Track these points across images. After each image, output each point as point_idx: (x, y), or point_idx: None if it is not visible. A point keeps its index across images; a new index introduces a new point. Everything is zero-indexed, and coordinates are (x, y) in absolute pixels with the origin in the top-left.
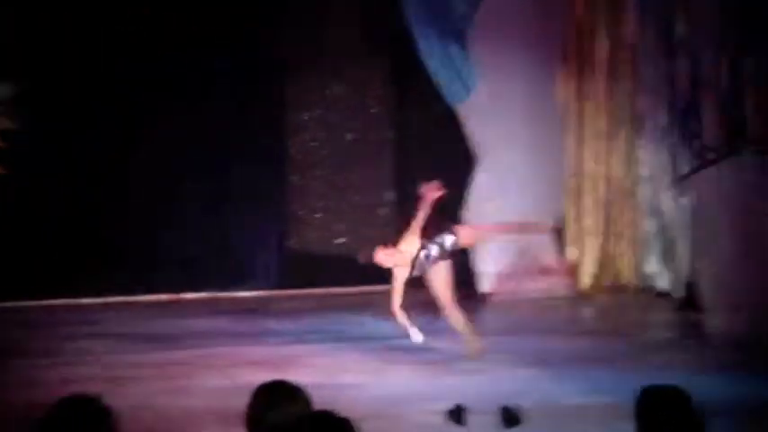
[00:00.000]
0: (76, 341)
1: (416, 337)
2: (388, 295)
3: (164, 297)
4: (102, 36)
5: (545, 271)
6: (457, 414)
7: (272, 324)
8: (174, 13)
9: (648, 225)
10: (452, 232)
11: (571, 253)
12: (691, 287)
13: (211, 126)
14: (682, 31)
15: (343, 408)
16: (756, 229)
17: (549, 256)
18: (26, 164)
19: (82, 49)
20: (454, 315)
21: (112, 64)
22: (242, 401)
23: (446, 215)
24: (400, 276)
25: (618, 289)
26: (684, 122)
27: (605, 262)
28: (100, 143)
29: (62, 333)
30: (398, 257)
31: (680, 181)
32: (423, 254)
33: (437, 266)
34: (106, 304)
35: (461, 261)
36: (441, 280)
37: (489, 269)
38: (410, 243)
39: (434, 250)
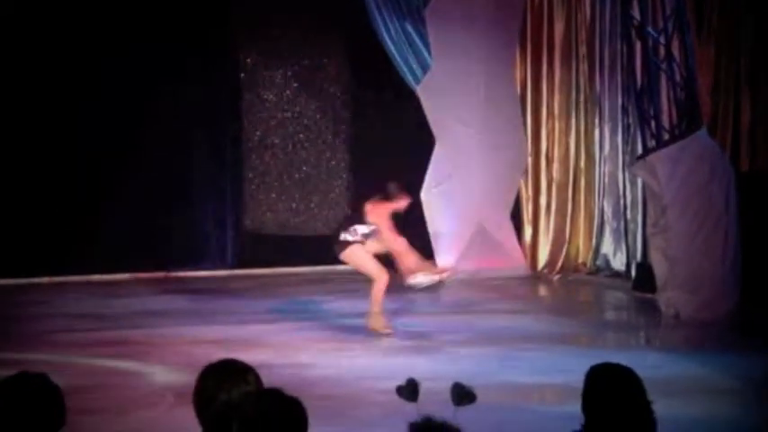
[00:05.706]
0: (38, 320)
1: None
2: (342, 275)
3: (118, 276)
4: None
5: (501, 250)
6: (408, 389)
7: (228, 304)
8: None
9: (603, 205)
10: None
11: (526, 232)
12: (644, 267)
13: (165, 107)
14: (636, 14)
15: (297, 387)
16: (709, 209)
17: (504, 236)
18: None
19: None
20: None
21: (58, 48)
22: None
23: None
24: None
25: (572, 269)
26: (640, 103)
27: (560, 242)
28: (45, 123)
29: (12, 313)
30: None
31: (635, 161)
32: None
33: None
34: (60, 283)
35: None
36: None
37: (446, 248)
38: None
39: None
